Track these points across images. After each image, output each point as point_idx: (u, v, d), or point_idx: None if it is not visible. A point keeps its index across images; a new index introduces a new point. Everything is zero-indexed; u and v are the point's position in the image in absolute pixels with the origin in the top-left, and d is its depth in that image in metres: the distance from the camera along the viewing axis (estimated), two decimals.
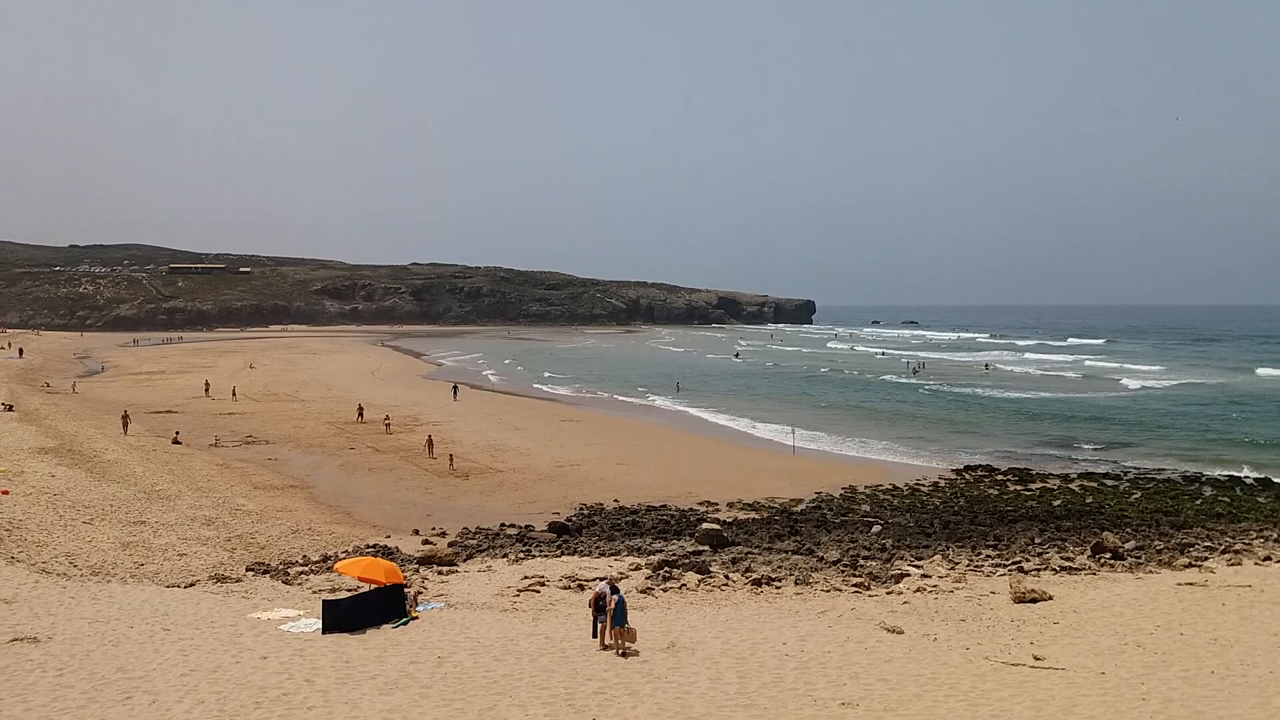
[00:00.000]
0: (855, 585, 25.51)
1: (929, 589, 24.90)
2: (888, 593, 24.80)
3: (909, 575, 26.33)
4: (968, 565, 27.88)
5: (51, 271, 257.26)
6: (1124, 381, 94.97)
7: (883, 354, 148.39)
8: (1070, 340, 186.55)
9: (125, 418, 54.68)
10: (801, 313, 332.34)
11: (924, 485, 42.74)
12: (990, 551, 29.90)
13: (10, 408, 61.71)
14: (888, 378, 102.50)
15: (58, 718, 14.45)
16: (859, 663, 17.58)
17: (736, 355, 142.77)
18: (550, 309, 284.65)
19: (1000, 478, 44.57)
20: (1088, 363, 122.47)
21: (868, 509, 37.58)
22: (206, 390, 77.71)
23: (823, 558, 28.94)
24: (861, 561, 28.46)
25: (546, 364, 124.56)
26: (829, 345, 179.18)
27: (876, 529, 33.47)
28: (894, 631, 20.01)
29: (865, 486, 41.98)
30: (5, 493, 35.01)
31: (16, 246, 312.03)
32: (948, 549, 30.18)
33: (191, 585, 25.30)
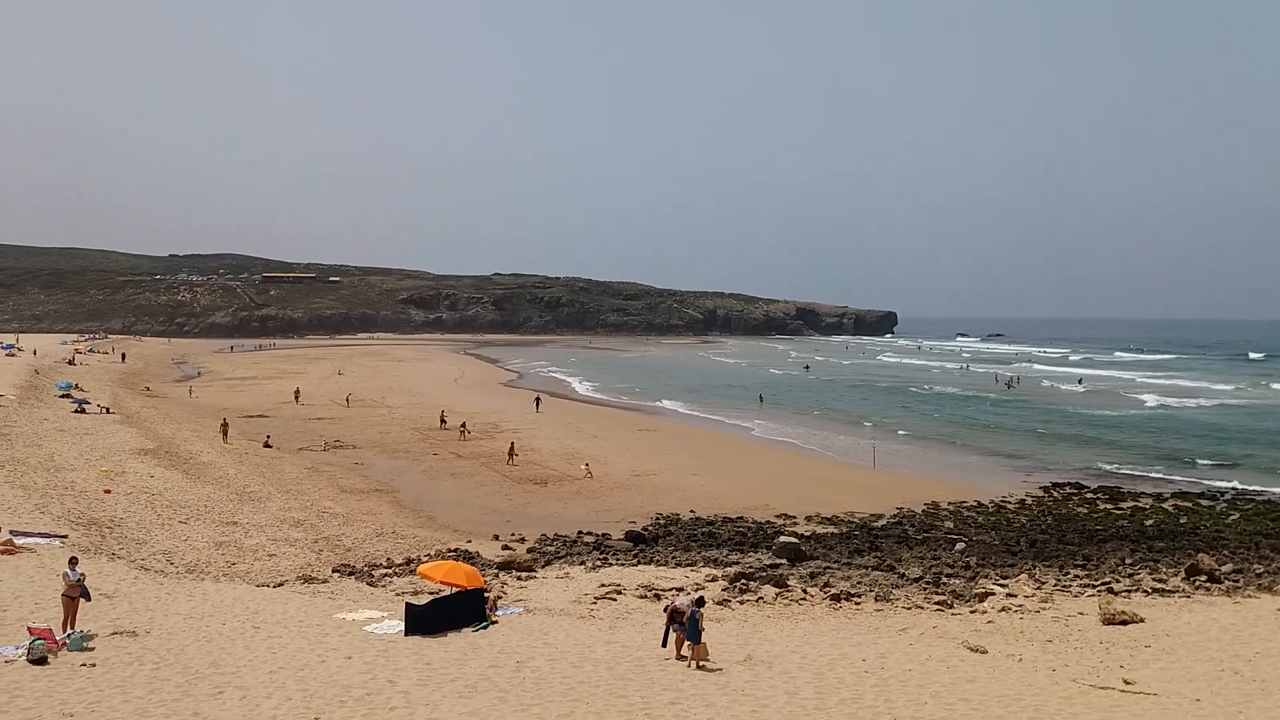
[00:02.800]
0: (938, 603, 25.03)
1: (1014, 608, 24.29)
2: (971, 611, 24.27)
3: (993, 594, 25.73)
4: (1055, 585, 27.13)
5: (152, 280, 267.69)
6: (1221, 399, 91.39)
7: (967, 367, 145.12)
8: (1163, 355, 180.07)
9: (225, 426, 55.52)
10: (883, 324, 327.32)
11: (1010, 502, 41.73)
12: (1078, 571, 29.05)
13: (109, 410, 64.44)
14: (973, 392, 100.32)
15: (154, 710, 15.01)
16: (941, 682, 17.25)
17: (807, 368, 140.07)
18: (627, 319, 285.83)
19: (1090, 495, 43.26)
20: (1182, 377, 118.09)
21: (951, 526, 36.84)
22: (296, 397, 79.97)
23: (904, 574, 28.47)
24: (944, 579, 27.92)
25: (597, 372, 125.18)
26: (910, 357, 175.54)
27: (960, 546, 32.78)
28: (977, 651, 19.58)
29: (949, 503, 41.17)
30: (108, 491, 36.61)
31: (120, 255, 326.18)
32: (1034, 568, 29.41)
33: (280, 585, 26.07)
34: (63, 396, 70.59)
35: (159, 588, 23.59)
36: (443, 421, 64.15)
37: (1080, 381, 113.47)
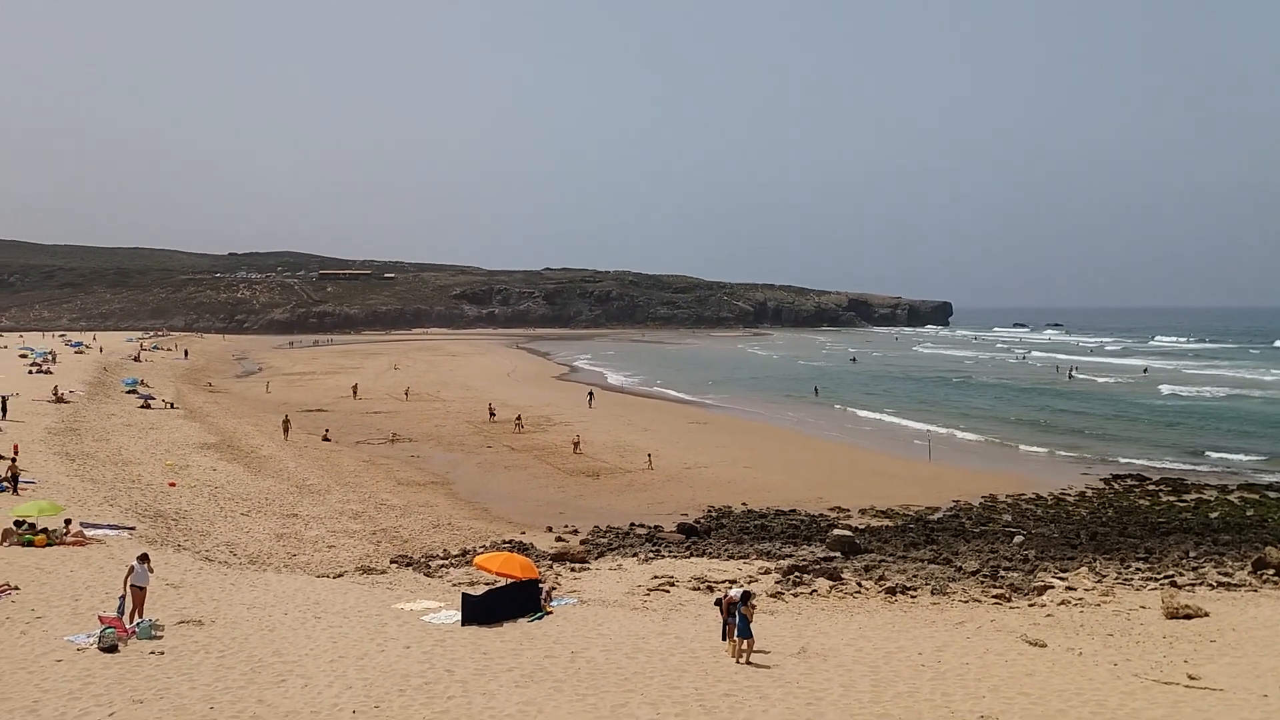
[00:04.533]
0: (995, 596, 24.71)
1: (1074, 602, 23.89)
2: (1030, 605, 23.92)
3: (1053, 587, 25.33)
4: (1116, 578, 26.62)
5: (212, 278, 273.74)
6: None
7: (1025, 357, 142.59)
8: (1228, 344, 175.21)
9: (286, 423, 56.11)
10: (937, 315, 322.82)
11: (1069, 495, 41.00)
12: (1140, 565, 28.47)
13: (173, 405, 66.06)
14: (1032, 383, 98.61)
15: (220, 697, 15.39)
16: (999, 675, 17.03)
17: (854, 359, 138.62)
18: (677, 312, 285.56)
19: (1152, 488, 42.32)
20: (1245, 368, 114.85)
21: (1009, 519, 36.31)
22: (355, 392, 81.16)
23: (961, 567, 28.14)
24: (1002, 572, 27.55)
25: (638, 364, 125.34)
26: (965, 349, 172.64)
27: (1018, 539, 32.30)
28: (1036, 645, 19.29)
29: (1006, 495, 40.58)
30: (173, 485, 37.59)
31: (181, 255, 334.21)
32: (1094, 561, 28.88)
33: (340, 576, 26.56)
34: (129, 392, 72.61)
35: (223, 578, 24.17)
36: (491, 414, 64.74)
37: (1145, 371, 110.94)
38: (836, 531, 32.20)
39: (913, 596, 24.93)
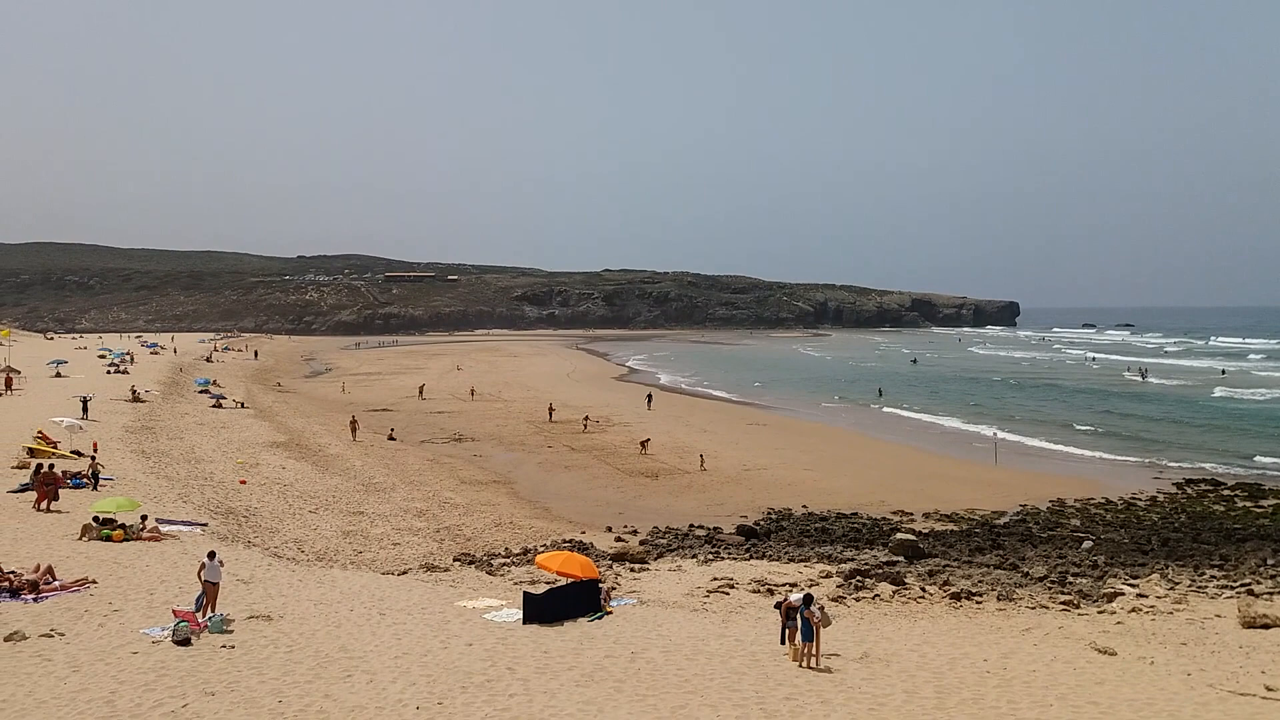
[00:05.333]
0: (1063, 603, 24.18)
1: (1145, 609, 23.27)
2: (1099, 612, 23.36)
3: (1123, 594, 24.71)
4: (1189, 586, 25.86)
5: (281, 280, 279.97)
6: None
7: (1095, 358, 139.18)
8: None
9: (354, 423, 56.68)
10: (1004, 315, 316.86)
11: (1140, 499, 39.98)
12: (1215, 572, 27.62)
13: (244, 405, 67.75)
14: (1102, 385, 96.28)
15: (288, 691, 15.73)
16: (1067, 684, 16.68)
17: (914, 361, 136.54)
18: (736, 312, 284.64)
19: (1227, 493, 41.09)
20: None
21: (1077, 524, 35.52)
22: (421, 393, 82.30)
23: (1028, 573, 27.59)
24: (1070, 578, 26.95)
25: (692, 364, 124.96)
26: (1031, 350, 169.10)
27: (1087, 545, 31.58)
28: (1106, 653, 18.85)
29: (1075, 500, 39.71)
30: (243, 482, 38.53)
31: (251, 258, 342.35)
32: (1167, 568, 28.10)
33: (404, 573, 26.97)
34: (201, 392, 74.65)
35: (291, 574, 24.70)
36: (550, 415, 65.19)
37: (1224, 372, 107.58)
38: (899, 535, 31.80)
39: (978, 602, 24.51)
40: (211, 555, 20.75)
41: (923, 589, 25.68)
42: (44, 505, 29.86)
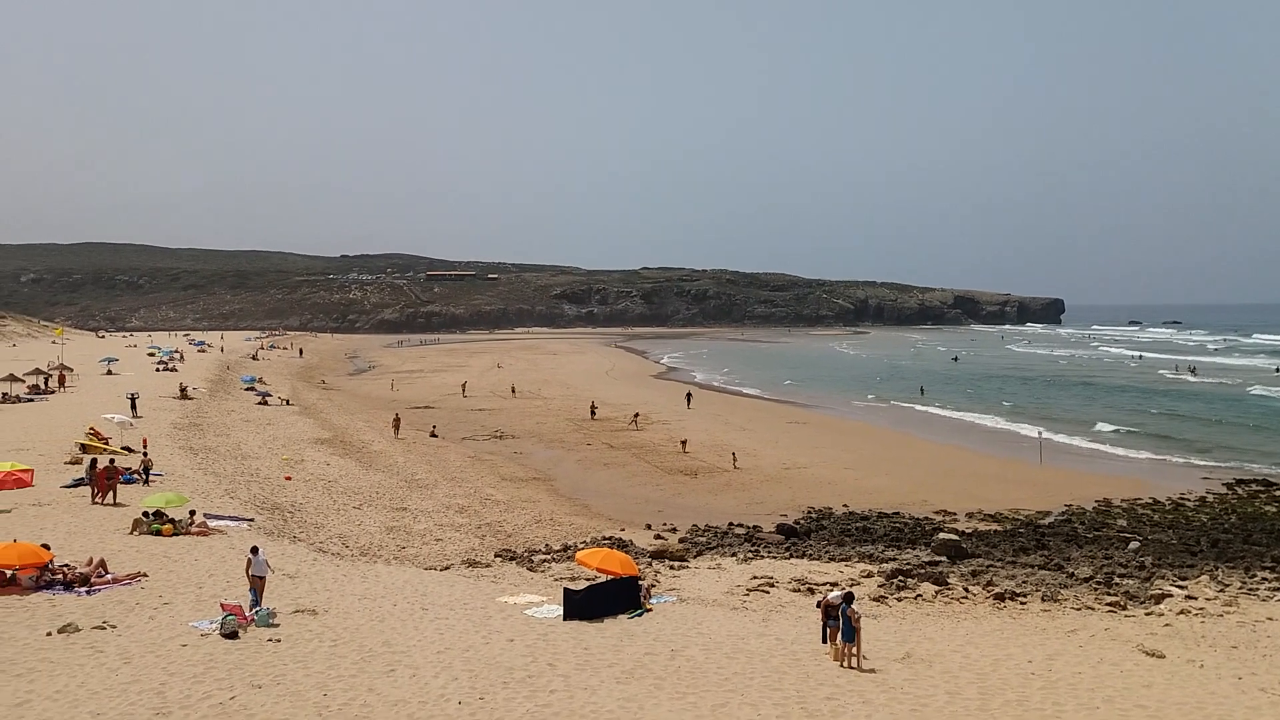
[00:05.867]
0: (1109, 604, 23.82)
1: (1194, 611, 22.85)
2: (1147, 614, 22.98)
3: (1171, 596, 24.27)
4: (1240, 588, 25.34)
5: (325, 279, 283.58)
6: None
7: (1141, 357, 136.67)
8: None
9: (397, 421, 56.97)
10: (1049, 312, 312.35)
11: (1189, 500, 39.24)
12: (1267, 574, 27.01)
13: (289, 402, 68.72)
14: (1148, 383, 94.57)
15: (333, 685, 15.95)
16: (1113, 686, 16.43)
17: (955, 359, 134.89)
18: (775, 310, 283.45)
19: (1279, 493, 40.15)
20: None
21: (1124, 524, 34.95)
22: (464, 390, 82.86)
23: (1073, 574, 27.21)
24: (1117, 579, 26.54)
25: (728, 361, 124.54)
26: (1075, 348, 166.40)
27: (1134, 545, 31.06)
28: (1154, 655, 18.54)
29: (1121, 500, 39.07)
30: (289, 479, 39.09)
31: (296, 257, 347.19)
32: (1216, 569, 27.54)
33: (446, 568, 27.23)
34: (247, 389, 75.83)
35: (336, 569, 25.04)
36: (593, 413, 65.39)
37: (1278, 370, 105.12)
38: (942, 535, 31.51)
39: (1022, 603, 24.23)
40: (255, 550, 21.11)
41: (966, 589, 25.43)
42: (105, 498, 30.64)
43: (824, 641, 18.47)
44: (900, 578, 26.40)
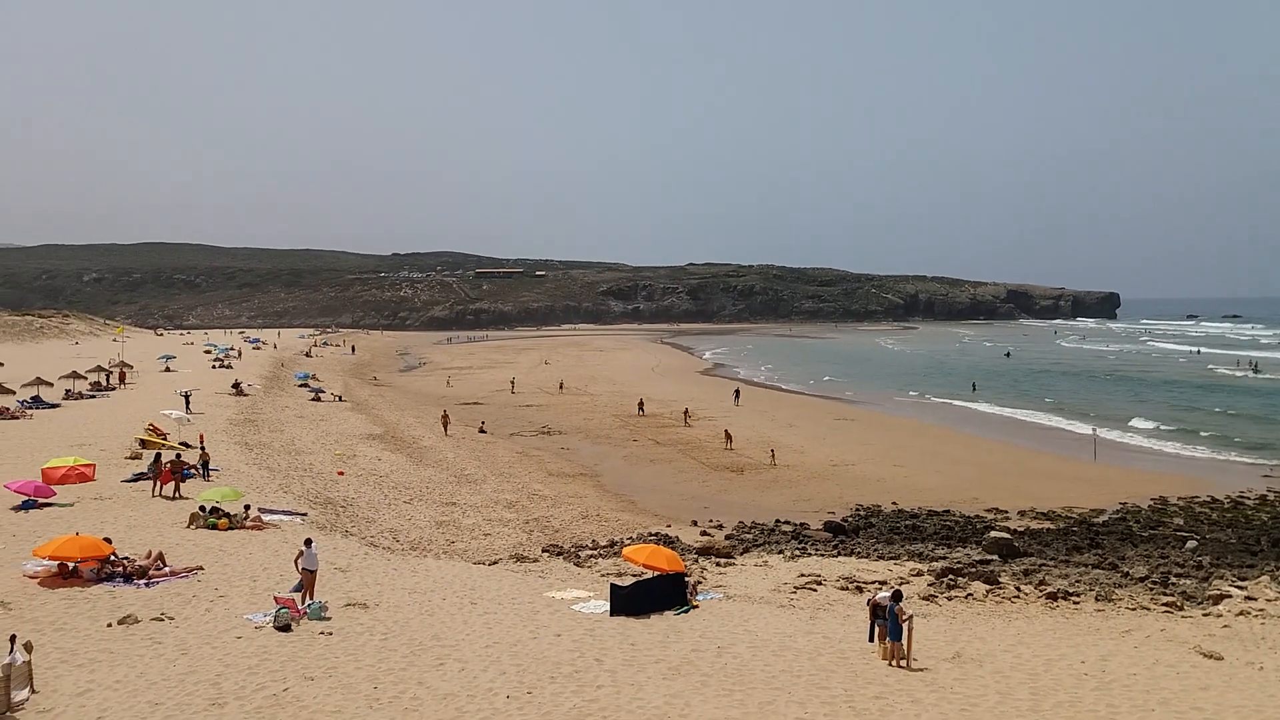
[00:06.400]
0: (1165, 605, 23.34)
1: (1254, 613, 22.27)
2: (1204, 615, 22.46)
3: (1230, 596, 23.69)
4: None
5: (377, 277, 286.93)
6: None
7: (1199, 352, 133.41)
8: None
9: (445, 418, 57.19)
10: (1104, 307, 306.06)
11: (1249, 498, 38.28)
12: None
13: (341, 398, 69.75)
14: (1207, 379, 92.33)
15: (383, 678, 16.20)
16: (1169, 689, 16.10)
17: (1008, 354, 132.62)
18: (823, 305, 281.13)
19: None
20: None
21: (1181, 523, 34.20)
22: (513, 387, 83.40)
23: (1128, 573, 26.69)
24: (1173, 579, 25.98)
25: (772, 357, 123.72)
26: (1129, 343, 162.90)
27: (1191, 544, 30.38)
28: (1211, 657, 18.12)
29: (1178, 498, 38.24)
30: (341, 474, 39.69)
31: (349, 255, 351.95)
32: (1277, 570, 26.82)
33: (494, 563, 27.49)
34: (301, 386, 77.15)
35: (386, 563, 25.39)
36: (640, 409, 65.47)
37: None
38: (993, 533, 31.10)
39: (1075, 602, 23.83)
40: (309, 543, 21.47)
41: (1017, 588, 25.07)
42: (173, 492, 31.47)
43: (871, 640, 18.33)
44: (950, 576, 26.10)
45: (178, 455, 35.50)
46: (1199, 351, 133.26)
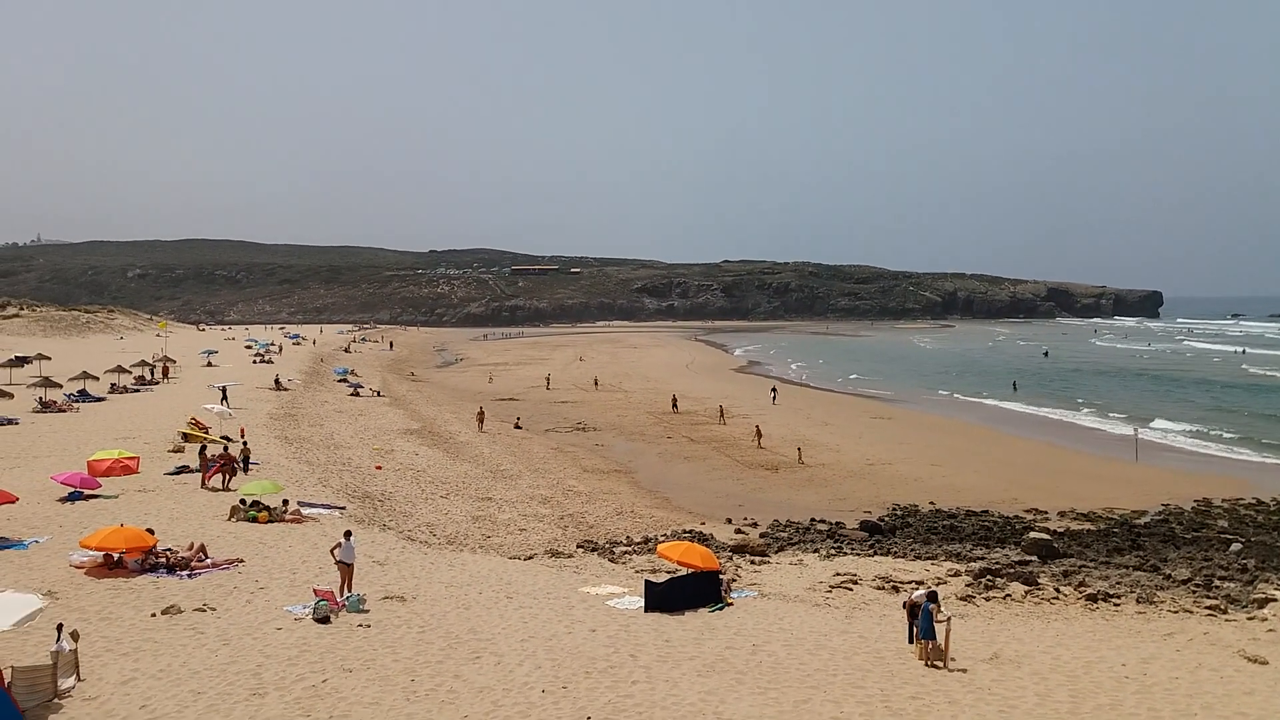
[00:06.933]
0: (1209, 608, 22.94)
1: None
2: (1249, 618, 22.03)
3: (1276, 600, 23.20)
4: None
5: (414, 274, 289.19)
6: None
7: (1244, 351, 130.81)
8: None
9: (481, 415, 57.03)
10: (1146, 305, 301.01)
11: None
12: None
13: (379, 393, 70.42)
14: (1251, 380, 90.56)
15: (420, 670, 16.35)
16: (1212, 693, 15.84)
17: (1045, 353, 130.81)
18: (859, 303, 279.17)
19: None
20: None
21: (1225, 525, 33.59)
22: (548, 383, 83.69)
23: (1170, 575, 26.27)
24: (1217, 582, 25.52)
25: (805, 354, 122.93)
26: (1170, 342, 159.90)
27: (1236, 547, 29.81)
28: (1256, 661, 17.79)
29: (1222, 500, 37.56)
30: (379, 468, 40.07)
31: (387, 253, 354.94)
32: None
33: (530, 558, 27.62)
34: (340, 381, 77.99)
35: (423, 557, 25.61)
36: (674, 406, 65.48)
37: None
38: (1032, 534, 30.73)
39: (1116, 605, 23.50)
40: (348, 535, 21.73)
41: (1057, 589, 24.77)
42: (223, 483, 32.07)
43: (911, 642, 18.20)
44: (989, 577, 25.84)
45: (225, 448, 36.20)
46: (1243, 351, 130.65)
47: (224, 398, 54.66)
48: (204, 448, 35.29)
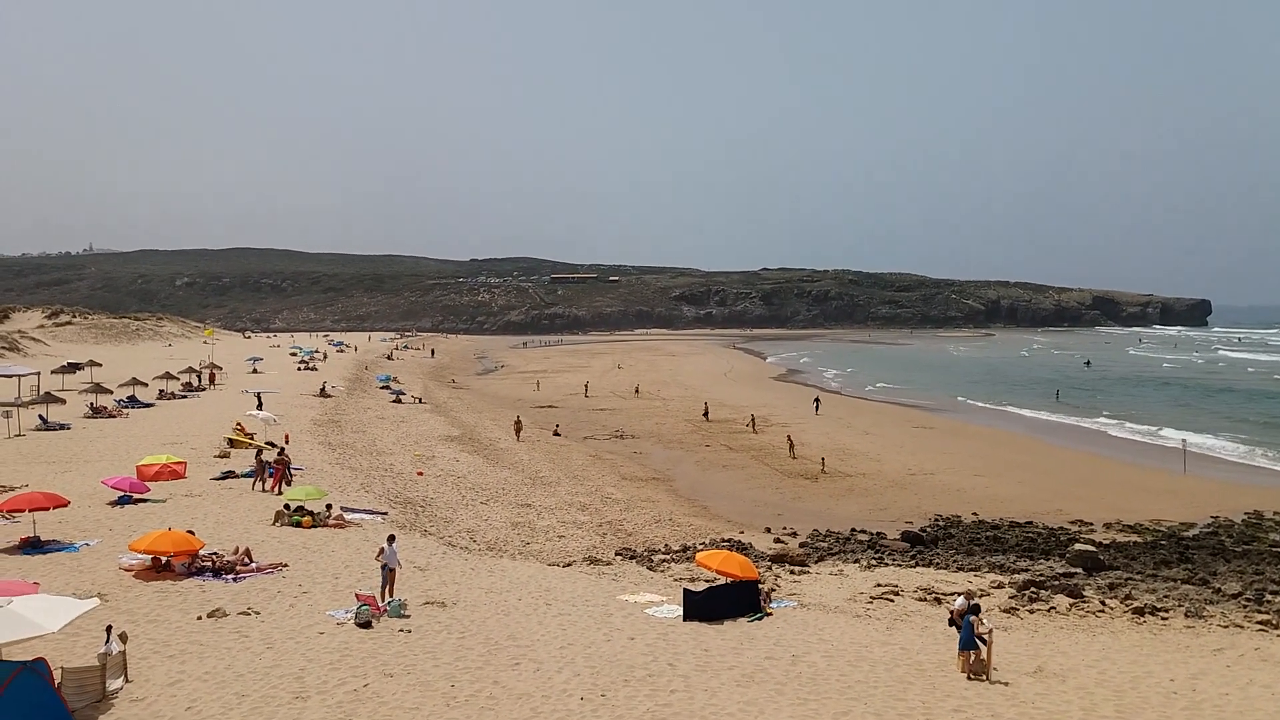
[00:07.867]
0: (1260, 623, 22.44)
1: None
2: None
3: None
4: None
5: (456, 282, 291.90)
6: None
7: None
8: None
9: (518, 425, 55.96)
10: (1194, 314, 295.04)
11: None
12: None
13: (421, 400, 71.06)
14: None
15: (460, 676, 16.46)
16: (1264, 710, 15.48)
17: (1087, 363, 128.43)
18: (900, 311, 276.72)
19: None
20: None
21: (1277, 538, 32.80)
22: (586, 390, 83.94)
23: (1220, 589, 25.72)
24: (1269, 596, 24.93)
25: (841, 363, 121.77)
26: (1217, 351, 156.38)
27: None
28: None
29: (1274, 512, 36.71)
30: (420, 474, 40.43)
31: (429, 261, 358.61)
32: None
33: (569, 565, 27.69)
34: (382, 388, 78.84)
35: (464, 563, 25.79)
36: (706, 414, 65.40)
37: None
38: (1078, 546, 30.25)
39: (1163, 619, 23.05)
40: (391, 539, 21.96)
41: (1102, 602, 24.36)
42: (276, 488, 32.71)
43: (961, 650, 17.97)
44: (1033, 589, 25.48)
45: (280, 451, 36.92)
46: None
47: (259, 404, 55.44)
48: (260, 452, 36.19)
